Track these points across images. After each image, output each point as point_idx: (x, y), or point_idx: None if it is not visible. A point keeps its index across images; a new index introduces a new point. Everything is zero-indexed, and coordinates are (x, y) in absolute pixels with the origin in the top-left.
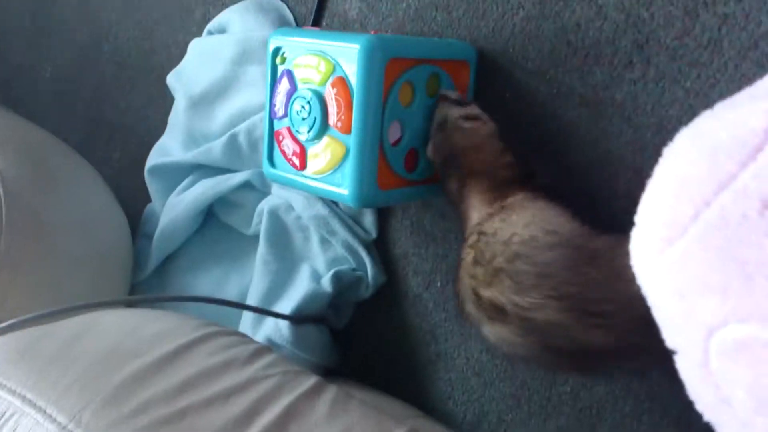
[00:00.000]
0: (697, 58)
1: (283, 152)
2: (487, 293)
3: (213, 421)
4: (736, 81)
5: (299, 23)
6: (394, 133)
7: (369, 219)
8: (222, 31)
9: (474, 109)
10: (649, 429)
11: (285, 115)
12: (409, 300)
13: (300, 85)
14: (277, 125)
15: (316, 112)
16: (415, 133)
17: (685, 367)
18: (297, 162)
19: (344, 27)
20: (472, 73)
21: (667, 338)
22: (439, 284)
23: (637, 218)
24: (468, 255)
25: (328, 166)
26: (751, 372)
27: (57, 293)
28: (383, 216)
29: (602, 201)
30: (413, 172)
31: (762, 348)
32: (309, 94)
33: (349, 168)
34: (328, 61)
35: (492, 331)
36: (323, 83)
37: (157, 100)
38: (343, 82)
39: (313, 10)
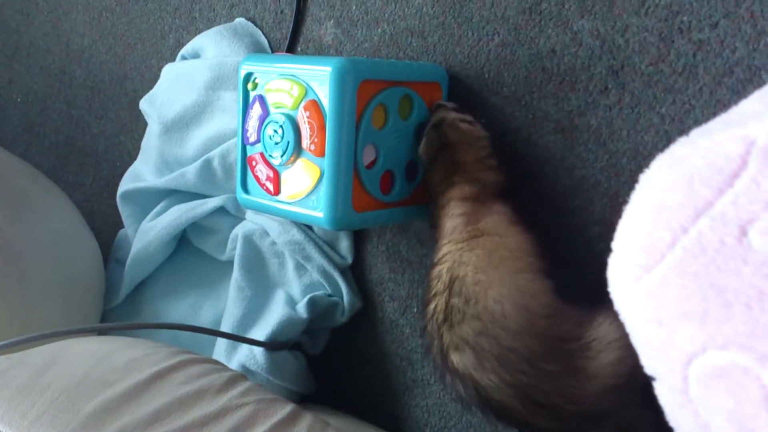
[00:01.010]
0: (672, 84)
1: (257, 178)
2: (452, 357)
3: None
4: (711, 107)
5: (273, 49)
6: (368, 155)
7: (345, 244)
8: (196, 56)
9: (470, 117)
10: None
11: (258, 141)
12: (385, 326)
13: (272, 110)
14: (250, 151)
15: (289, 135)
16: (390, 156)
17: (665, 394)
18: (271, 187)
19: (319, 53)
20: (444, 94)
21: (646, 365)
22: (415, 310)
23: (614, 245)
24: (437, 300)
25: (302, 190)
26: (731, 399)
27: (27, 320)
28: (359, 241)
29: (578, 227)
30: (388, 194)
31: (741, 374)
32: (282, 118)
33: (323, 191)
34: (300, 85)
35: (453, 385)
36: (296, 107)
37: (130, 125)
38: (315, 105)
39: (288, 36)
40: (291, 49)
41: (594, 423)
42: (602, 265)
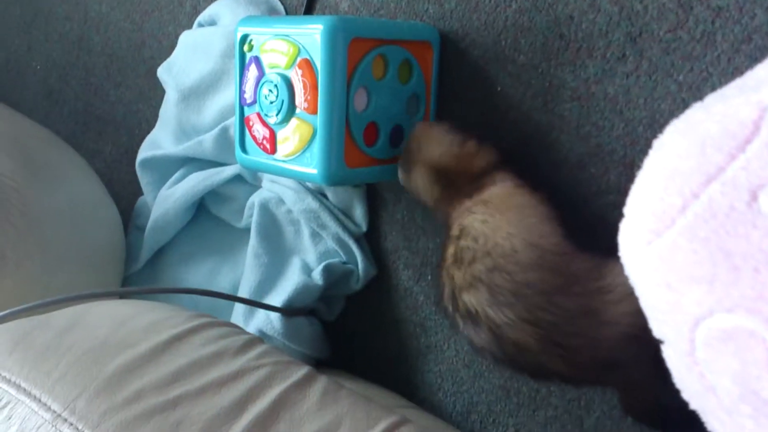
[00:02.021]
0: (690, 51)
1: (254, 138)
2: (464, 297)
3: (205, 410)
4: (729, 74)
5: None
6: (360, 100)
7: (359, 212)
8: (212, 23)
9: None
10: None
11: (254, 101)
12: (399, 293)
13: (267, 70)
14: (247, 111)
15: (284, 95)
16: (380, 109)
17: (672, 357)
18: (268, 146)
19: None
20: (435, 55)
21: (654, 328)
22: (429, 278)
23: (626, 210)
24: (449, 250)
25: (297, 147)
26: (737, 361)
27: (49, 285)
28: (374, 209)
29: (593, 196)
30: (371, 147)
31: (747, 337)
32: (276, 78)
33: (316, 147)
34: (293, 45)
35: (465, 329)
36: (289, 66)
37: (148, 92)
38: (308, 64)
39: (304, 3)
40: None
41: (607, 373)
42: (616, 233)
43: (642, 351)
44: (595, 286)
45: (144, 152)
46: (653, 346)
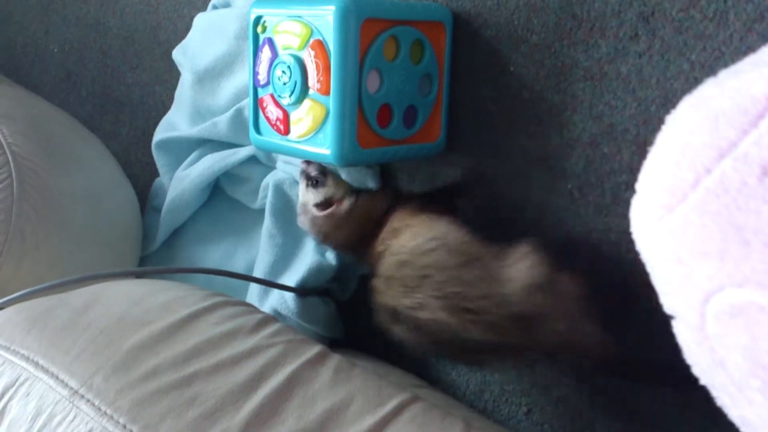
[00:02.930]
0: (703, 30)
1: (268, 119)
2: (382, 300)
3: (220, 387)
4: (742, 53)
5: None
6: (372, 82)
7: None
8: (226, 5)
9: (329, 190)
10: (649, 399)
11: (268, 83)
12: None
13: (281, 52)
14: (261, 93)
15: (297, 76)
16: (392, 90)
17: (682, 332)
18: (281, 127)
19: None
20: (448, 35)
21: (665, 303)
22: None
23: (638, 185)
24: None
25: (310, 128)
26: (747, 335)
27: (67, 265)
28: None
29: (606, 175)
30: (385, 129)
31: (758, 312)
32: (289, 59)
33: (329, 128)
34: (306, 26)
35: (394, 332)
36: (302, 47)
37: (164, 75)
38: (321, 45)
39: None
40: None
41: (527, 330)
42: (628, 211)
43: (552, 302)
44: (493, 257)
45: (160, 134)
46: (568, 297)
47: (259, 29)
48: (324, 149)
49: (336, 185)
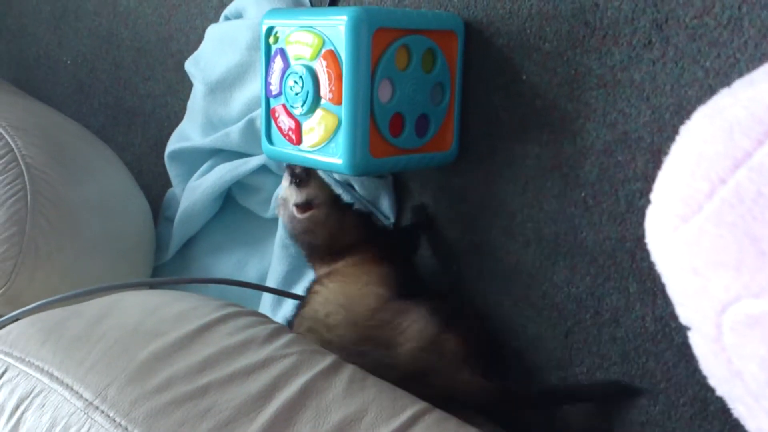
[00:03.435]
0: (717, 37)
1: (280, 129)
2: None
3: (234, 397)
4: (757, 60)
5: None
6: (384, 91)
7: (386, 203)
8: (238, 16)
9: (311, 192)
10: (663, 409)
11: (280, 93)
12: (423, 274)
13: (293, 62)
14: (273, 103)
15: (309, 86)
16: (404, 99)
17: (699, 344)
18: (293, 137)
19: None
20: (460, 44)
21: (680, 314)
22: (455, 267)
23: (653, 196)
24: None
25: (322, 138)
26: (764, 346)
27: (80, 275)
28: (399, 200)
29: (620, 183)
30: (397, 138)
31: None
32: (301, 69)
33: (341, 137)
34: (317, 36)
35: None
36: (314, 57)
37: (176, 85)
38: (332, 55)
39: None
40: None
41: (420, 383)
42: (643, 220)
43: (436, 361)
44: (389, 328)
45: (172, 144)
46: (451, 354)
47: (272, 40)
48: (336, 159)
49: (319, 187)
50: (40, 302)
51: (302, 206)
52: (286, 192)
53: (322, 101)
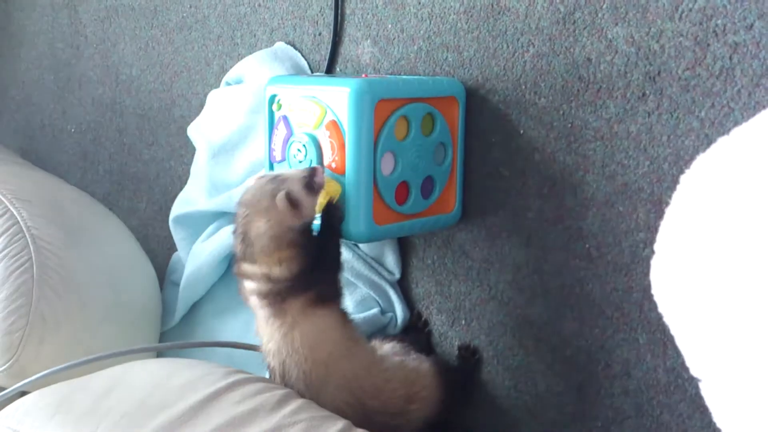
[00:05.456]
0: (710, 87)
1: None
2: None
3: None
4: (751, 109)
5: (313, 70)
6: (387, 164)
7: (391, 259)
8: (239, 81)
9: (307, 201)
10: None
11: (283, 159)
12: (434, 338)
13: (296, 130)
14: (277, 169)
15: (312, 154)
16: (408, 167)
17: (710, 395)
18: None
19: (357, 72)
20: (461, 108)
21: (690, 366)
22: (463, 322)
23: (656, 246)
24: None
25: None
26: None
27: (88, 344)
28: (404, 256)
29: (623, 234)
30: (403, 205)
31: None
32: (304, 138)
33: (346, 206)
34: (320, 106)
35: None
36: (317, 126)
37: (179, 150)
38: (335, 125)
39: (327, 57)
40: (330, 69)
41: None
42: (649, 270)
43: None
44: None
45: (177, 209)
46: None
47: (275, 107)
48: None
49: (314, 207)
50: (47, 371)
51: (292, 201)
52: (288, 174)
53: (326, 170)
